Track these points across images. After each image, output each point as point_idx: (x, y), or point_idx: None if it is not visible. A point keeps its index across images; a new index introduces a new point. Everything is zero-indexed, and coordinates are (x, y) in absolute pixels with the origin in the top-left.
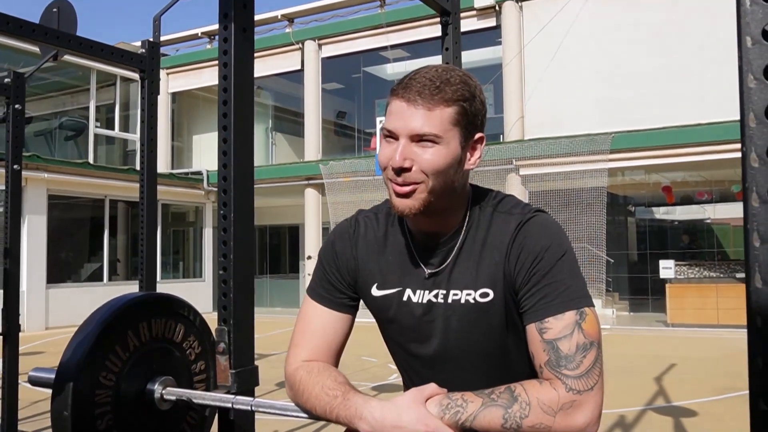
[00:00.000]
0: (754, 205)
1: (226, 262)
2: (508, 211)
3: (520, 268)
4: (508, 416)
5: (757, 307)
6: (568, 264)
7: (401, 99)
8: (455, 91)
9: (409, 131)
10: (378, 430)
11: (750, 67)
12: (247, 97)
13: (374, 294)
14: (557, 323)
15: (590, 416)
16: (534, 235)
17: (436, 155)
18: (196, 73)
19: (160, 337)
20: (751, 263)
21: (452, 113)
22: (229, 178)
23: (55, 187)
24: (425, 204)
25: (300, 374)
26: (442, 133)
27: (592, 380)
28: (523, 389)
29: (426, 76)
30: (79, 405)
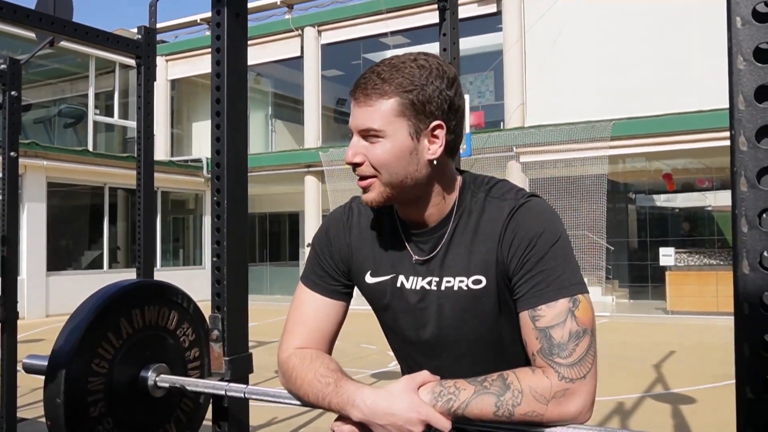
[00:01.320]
0: (742, 190)
1: (220, 249)
2: (500, 196)
3: (513, 254)
4: (500, 404)
5: (744, 293)
6: (562, 250)
7: (352, 98)
8: (399, 83)
9: (356, 127)
10: (370, 417)
11: (740, 48)
12: (240, 83)
13: (368, 281)
14: (550, 311)
15: (583, 404)
16: (527, 220)
17: (382, 149)
18: (195, 59)
19: (153, 325)
20: (739, 249)
21: (393, 105)
22: (223, 165)
23: (54, 174)
24: (386, 196)
25: (293, 361)
26: (384, 127)
27: (585, 368)
28: (515, 377)
29: (375, 70)
30: (72, 392)
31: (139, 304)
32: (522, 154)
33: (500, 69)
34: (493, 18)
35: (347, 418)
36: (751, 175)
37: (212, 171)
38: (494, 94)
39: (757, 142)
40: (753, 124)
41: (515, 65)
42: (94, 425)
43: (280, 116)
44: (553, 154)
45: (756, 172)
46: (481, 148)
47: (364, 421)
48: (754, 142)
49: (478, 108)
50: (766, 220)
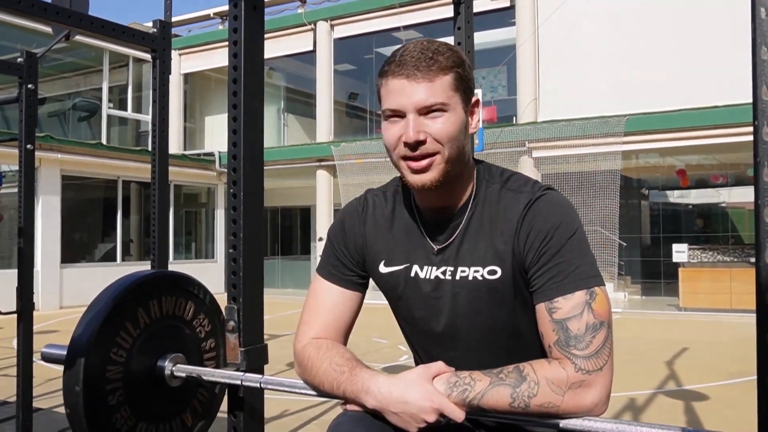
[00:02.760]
0: (766, 180)
1: (236, 240)
2: (517, 188)
3: (530, 246)
4: (516, 395)
5: (766, 283)
6: (578, 243)
7: (399, 77)
8: (447, 58)
9: (416, 105)
10: (384, 405)
11: (764, 39)
12: (257, 75)
13: (382, 271)
14: (567, 303)
15: (599, 396)
16: (544, 213)
17: (447, 122)
18: (209, 53)
19: (170, 315)
20: (762, 239)
21: (451, 80)
22: (239, 157)
23: (68, 167)
24: (444, 174)
25: (309, 351)
26: (448, 100)
27: (602, 360)
28: (531, 369)
29: (416, 50)
30: (91, 380)
31: (156, 294)
32: (534, 149)
33: (513, 64)
34: (507, 12)
35: (362, 406)
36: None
37: (228, 163)
38: (507, 89)
39: None
40: None
41: (528, 60)
42: (112, 413)
43: (292, 110)
44: (566, 149)
45: None
46: (493, 143)
47: (378, 409)
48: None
49: (490, 103)
50: None
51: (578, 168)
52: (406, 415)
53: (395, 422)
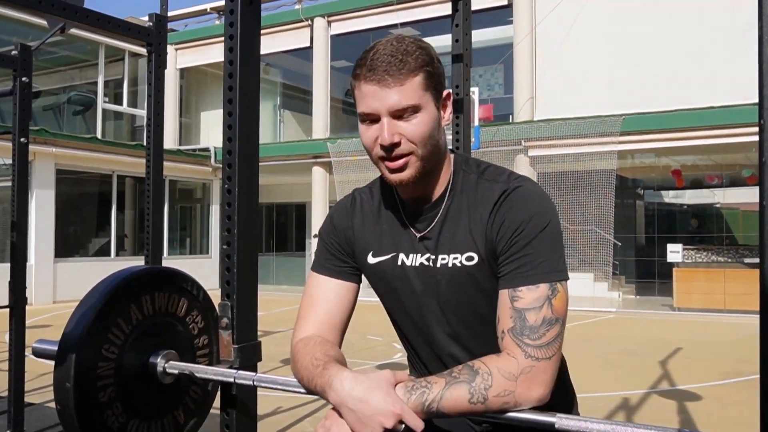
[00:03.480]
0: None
1: (230, 237)
2: (493, 178)
3: (502, 235)
4: (473, 390)
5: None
6: (550, 236)
7: (371, 82)
8: (416, 59)
9: (389, 108)
10: (343, 401)
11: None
12: (253, 70)
13: (370, 261)
14: (529, 294)
15: (548, 382)
16: (518, 204)
17: (420, 123)
18: (205, 48)
19: (163, 311)
20: (766, 239)
21: (421, 80)
22: (234, 152)
23: (63, 161)
24: (420, 171)
25: (299, 347)
26: (419, 101)
27: (551, 351)
28: (482, 363)
29: (385, 53)
30: (82, 377)
31: (149, 290)
32: (531, 148)
33: (510, 62)
34: (504, 10)
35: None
36: None
37: (224, 159)
38: (503, 88)
39: None
40: None
41: (525, 58)
42: (104, 410)
43: (288, 106)
44: (562, 148)
45: None
46: (489, 142)
47: (337, 404)
48: None
49: (487, 101)
50: None
51: (574, 167)
52: (363, 416)
53: (350, 422)
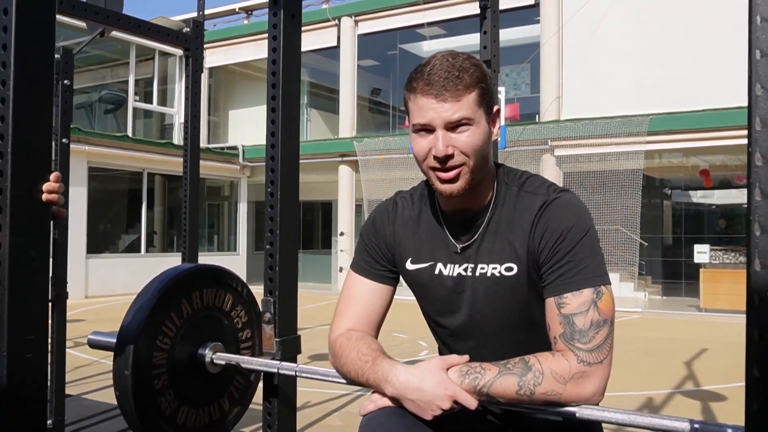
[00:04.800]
0: (757, 199)
1: (273, 237)
2: (533, 191)
3: (544, 246)
4: (522, 383)
5: (755, 287)
6: (589, 243)
7: (428, 95)
8: (472, 75)
9: (444, 121)
10: (401, 393)
11: (758, 77)
12: (294, 80)
13: (408, 268)
14: (575, 299)
15: (598, 386)
16: (558, 215)
17: (473, 136)
18: (234, 48)
19: (210, 306)
20: (752, 249)
21: (476, 96)
22: (277, 158)
23: (95, 159)
24: (470, 182)
25: (340, 341)
26: (473, 115)
27: (603, 354)
28: (537, 360)
29: (442, 68)
30: (139, 365)
31: (198, 286)
32: (557, 148)
33: (537, 62)
34: (531, 10)
35: (383, 393)
36: (764, 186)
37: (266, 163)
38: (530, 87)
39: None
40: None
41: (552, 58)
42: (158, 397)
43: (315, 105)
44: (588, 148)
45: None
46: (515, 141)
47: (396, 396)
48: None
49: (513, 100)
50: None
51: (600, 167)
52: (422, 403)
53: (412, 409)
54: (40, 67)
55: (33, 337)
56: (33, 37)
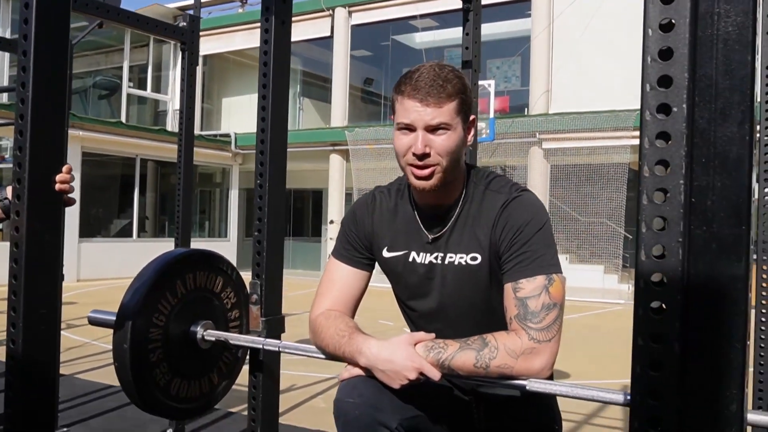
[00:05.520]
0: (644, 203)
1: (261, 224)
2: (498, 190)
3: (504, 237)
4: (479, 357)
5: (641, 273)
6: (544, 237)
7: (413, 99)
8: (454, 86)
9: (425, 123)
10: (373, 363)
11: (648, 105)
12: (283, 80)
13: (385, 255)
14: (529, 284)
15: (546, 362)
16: (517, 211)
17: (449, 140)
18: (228, 36)
19: (202, 287)
20: (639, 243)
21: (456, 105)
22: (266, 152)
23: (89, 144)
24: (442, 180)
25: (320, 320)
26: (451, 121)
27: (551, 334)
28: (493, 337)
29: (429, 76)
30: (136, 339)
31: (191, 269)
32: (545, 141)
33: (527, 55)
34: (523, 4)
35: (357, 365)
36: (650, 193)
37: (256, 156)
38: (520, 80)
39: (654, 171)
40: (653, 157)
41: (542, 52)
42: (153, 368)
43: (307, 94)
44: (576, 141)
45: (653, 191)
46: (504, 133)
47: (368, 367)
48: (653, 171)
49: (503, 93)
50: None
51: (587, 160)
52: (392, 373)
53: (382, 379)
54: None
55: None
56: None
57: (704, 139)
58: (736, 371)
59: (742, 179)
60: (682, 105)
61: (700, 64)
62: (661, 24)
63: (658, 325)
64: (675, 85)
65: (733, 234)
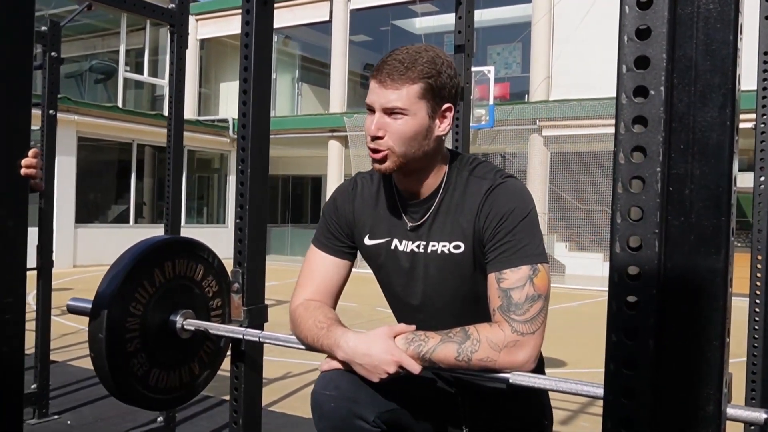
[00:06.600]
0: (619, 192)
1: (242, 212)
2: (482, 176)
3: (488, 226)
4: (461, 350)
5: (615, 266)
6: (529, 225)
7: (375, 80)
8: (421, 71)
9: (381, 105)
10: (351, 357)
11: (624, 87)
12: (265, 67)
13: (366, 243)
14: (513, 275)
15: (529, 355)
16: (502, 198)
17: (404, 125)
18: (226, 20)
19: (182, 275)
20: (614, 234)
21: (418, 89)
22: (247, 138)
23: (84, 129)
24: (397, 165)
25: (299, 311)
26: (409, 106)
27: (535, 326)
28: (475, 329)
29: (396, 58)
30: (113, 329)
31: (171, 257)
32: (545, 128)
33: (528, 41)
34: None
35: (335, 358)
36: (625, 181)
37: (238, 142)
38: (521, 66)
39: (630, 158)
40: (629, 144)
41: (543, 38)
42: (130, 359)
43: (306, 80)
44: (576, 128)
45: (629, 179)
46: (504, 120)
47: (346, 360)
48: (629, 157)
49: (503, 79)
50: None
51: (587, 148)
52: (370, 366)
53: (361, 373)
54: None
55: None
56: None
57: (683, 124)
58: (713, 370)
59: (723, 167)
60: (660, 88)
61: (679, 43)
62: (639, 1)
63: (632, 321)
64: (653, 66)
65: (712, 225)
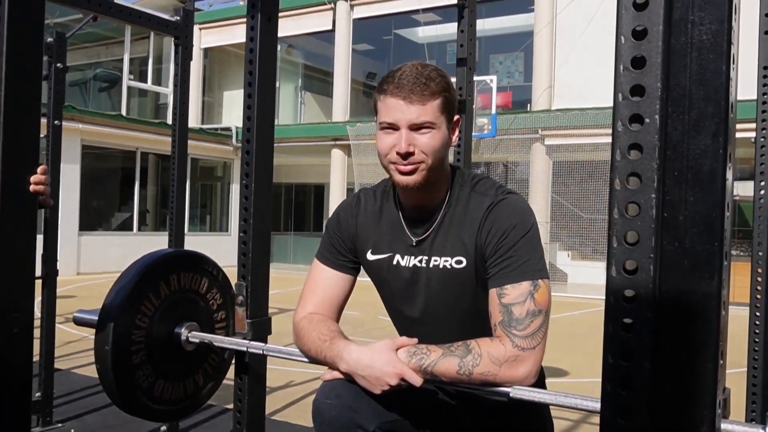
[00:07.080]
0: (615, 216)
1: (247, 226)
2: (483, 192)
3: (490, 241)
4: (462, 364)
5: (611, 289)
6: (530, 240)
7: (397, 97)
8: (438, 84)
9: (409, 122)
10: (353, 369)
11: (620, 115)
12: (270, 80)
13: (369, 258)
14: (514, 290)
15: (530, 370)
16: (503, 214)
17: (433, 138)
18: (229, 29)
19: (187, 288)
20: (611, 258)
21: (439, 103)
22: (251, 152)
23: (88, 137)
24: (425, 178)
25: (303, 323)
26: (435, 120)
27: (536, 341)
28: (476, 344)
29: (412, 75)
30: (118, 341)
31: (176, 270)
32: (547, 137)
33: (530, 50)
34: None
35: (338, 370)
36: (621, 206)
37: (242, 156)
38: (523, 75)
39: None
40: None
41: (545, 47)
42: (136, 371)
43: (309, 88)
44: (579, 138)
45: (625, 204)
46: (506, 129)
47: (349, 372)
48: (625, 183)
49: (506, 88)
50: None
51: (590, 157)
52: (372, 379)
53: (363, 385)
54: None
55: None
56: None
57: (677, 151)
58: (707, 391)
59: (716, 194)
60: (655, 116)
61: (673, 73)
62: (635, 31)
63: (628, 343)
64: (648, 95)
65: (706, 250)
